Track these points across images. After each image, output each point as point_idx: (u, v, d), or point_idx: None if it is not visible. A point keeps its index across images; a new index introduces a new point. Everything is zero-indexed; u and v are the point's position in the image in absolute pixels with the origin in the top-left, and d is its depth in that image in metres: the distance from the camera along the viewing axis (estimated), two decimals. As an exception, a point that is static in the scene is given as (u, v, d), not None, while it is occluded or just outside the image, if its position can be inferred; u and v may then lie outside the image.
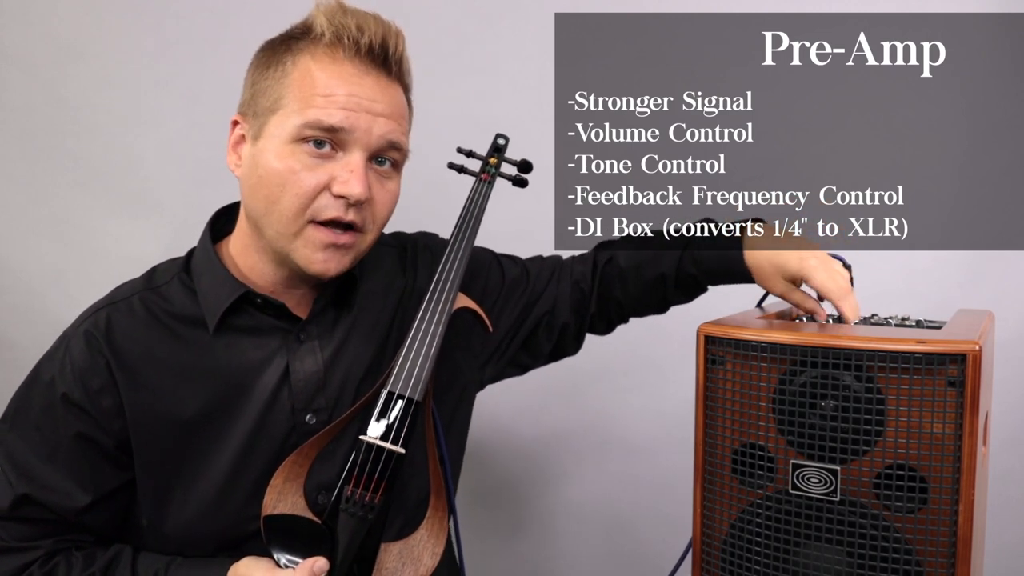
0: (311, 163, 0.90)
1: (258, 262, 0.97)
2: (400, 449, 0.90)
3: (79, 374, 0.93)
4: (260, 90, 0.93)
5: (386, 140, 0.93)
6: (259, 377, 0.96)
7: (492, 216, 1.59)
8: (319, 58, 0.91)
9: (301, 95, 0.90)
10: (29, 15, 1.67)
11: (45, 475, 0.93)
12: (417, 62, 1.60)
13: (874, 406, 0.84)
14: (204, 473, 0.94)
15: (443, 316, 0.96)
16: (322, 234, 0.91)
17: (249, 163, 0.94)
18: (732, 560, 0.93)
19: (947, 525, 0.83)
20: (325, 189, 0.91)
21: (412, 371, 0.92)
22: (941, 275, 1.44)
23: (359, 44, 0.91)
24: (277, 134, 0.91)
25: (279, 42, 0.95)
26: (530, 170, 1.14)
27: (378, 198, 0.95)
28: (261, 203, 0.92)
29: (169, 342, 0.95)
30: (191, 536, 0.95)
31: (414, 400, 0.92)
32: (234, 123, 0.97)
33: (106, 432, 0.93)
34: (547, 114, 1.56)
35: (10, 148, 1.69)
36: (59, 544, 0.94)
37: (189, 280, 0.98)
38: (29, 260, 1.69)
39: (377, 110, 0.92)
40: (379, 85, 0.93)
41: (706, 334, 0.95)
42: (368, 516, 0.89)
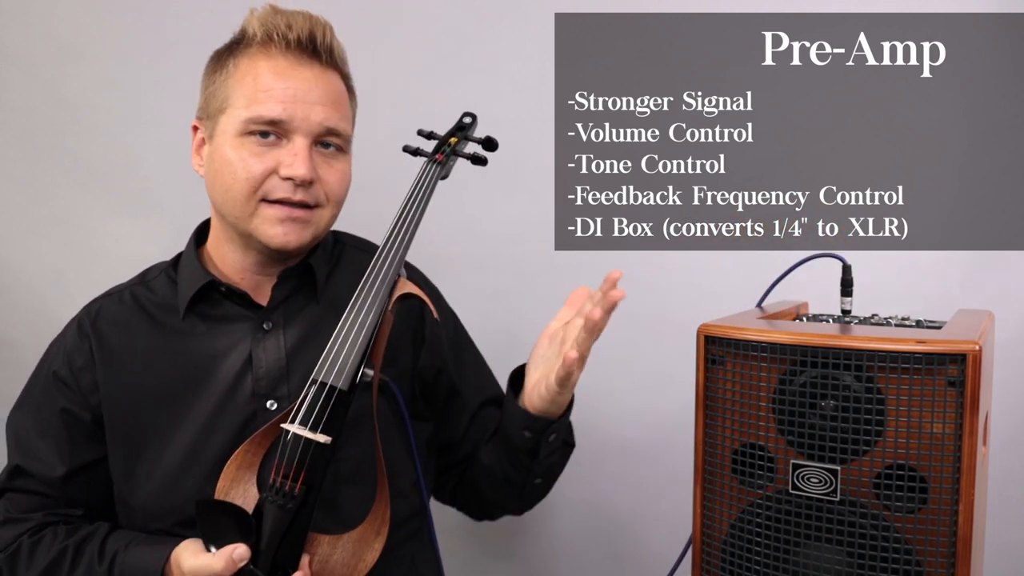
0: (259, 151, 0.99)
1: (228, 251, 1.06)
2: (320, 438, 0.90)
3: (67, 354, 1.05)
4: (210, 94, 1.03)
5: (324, 127, 1.00)
6: (224, 362, 1.02)
7: (492, 216, 1.60)
8: (255, 57, 1.00)
9: (243, 93, 0.99)
10: (29, 15, 1.67)
11: (36, 446, 1.04)
12: (417, 62, 1.60)
13: (874, 406, 0.84)
14: (167, 450, 1.01)
15: (376, 302, 0.95)
16: (275, 210, 0.99)
17: (208, 160, 1.04)
18: (732, 560, 0.93)
19: (947, 525, 0.83)
20: (273, 173, 0.99)
21: (337, 360, 0.93)
22: (941, 275, 1.43)
23: (288, 39, 1.00)
24: (227, 130, 1.00)
25: (224, 50, 1.05)
26: (495, 148, 1.11)
27: (327, 177, 1.02)
28: (219, 192, 1.01)
29: (147, 327, 1.05)
30: (154, 510, 1.01)
31: (336, 388, 0.92)
32: (194, 128, 1.07)
33: (85, 407, 1.03)
34: (547, 114, 1.56)
35: (10, 148, 1.69)
36: (49, 517, 1.03)
37: (174, 274, 1.09)
38: (29, 260, 1.69)
39: (312, 99, 0.99)
40: (313, 75, 1.01)
41: (706, 334, 0.95)
42: (288, 505, 0.89)
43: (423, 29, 1.60)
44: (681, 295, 1.53)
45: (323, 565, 0.92)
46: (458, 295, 1.25)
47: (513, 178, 1.59)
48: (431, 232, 1.21)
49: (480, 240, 1.61)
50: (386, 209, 1.26)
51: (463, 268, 1.56)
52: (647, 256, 1.55)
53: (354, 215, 1.14)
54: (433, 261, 1.28)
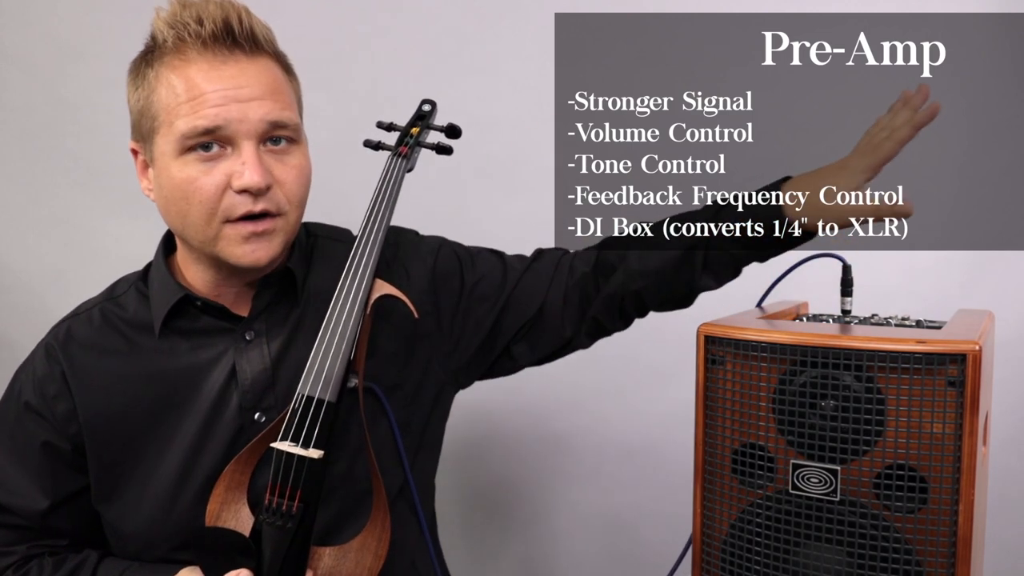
0: (205, 168, 0.90)
1: (197, 270, 0.99)
2: (312, 453, 0.87)
3: (38, 383, 0.98)
4: (138, 114, 0.94)
5: (267, 122, 0.91)
6: (207, 377, 0.97)
7: (492, 216, 1.59)
8: (172, 65, 0.90)
9: (171, 107, 0.89)
10: (29, 15, 1.67)
11: (14, 480, 0.97)
12: (417, 62, 1.60)
13: (874, 406, 0.84)
14: (155, 474, 0.96)
15: (354, 309, 0.91)
16: (238, 229, 0.91)
17: (156, 186, 0.95)
18: (732, 560, 0.93)
19: (947, 525, 0.83)
20: (227, 188, 0.90)
21: (322, 371, 0.89)
22: (941, 275, 1.43)
23: (202, 35, 0.89)
24: (166, 152, 0.91)
25: (138, 60, 0.95)
26: (458, 135, 1.04)
27: (283, 177, 0.93)
28: (176, 219, 0.94)
29: (121, 347, 0.99)
30: (147, 537, 0.97)
31: (324, 401, 0.88)
32: (134, 152, 0.99)
33: (63, 437, 0.97)
34: (547, 114, 1.56)
35: (10, 148, 1.69)
36: (33, 549, 0.98)
37: (144, 288, 1.01)
38: (29, 260, 1.69)
39: (245, 95, 0.90)
40: (239, 68, 0.90)
41: (706, 334, 0.95)
42: (287, 525, 0.86)
43: (423, 29, 1.60)
44: (681, 295, 1.52)
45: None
46: (458, 295, 1.25)
47: (513, 178, 1.59)
48: (431, 232, 1.22)
49: (480, 240, 1.61)
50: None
51: (463, 268, 1.56)
52: (647, 256, 1.55)
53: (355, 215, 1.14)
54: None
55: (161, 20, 0.91)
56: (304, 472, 0.87)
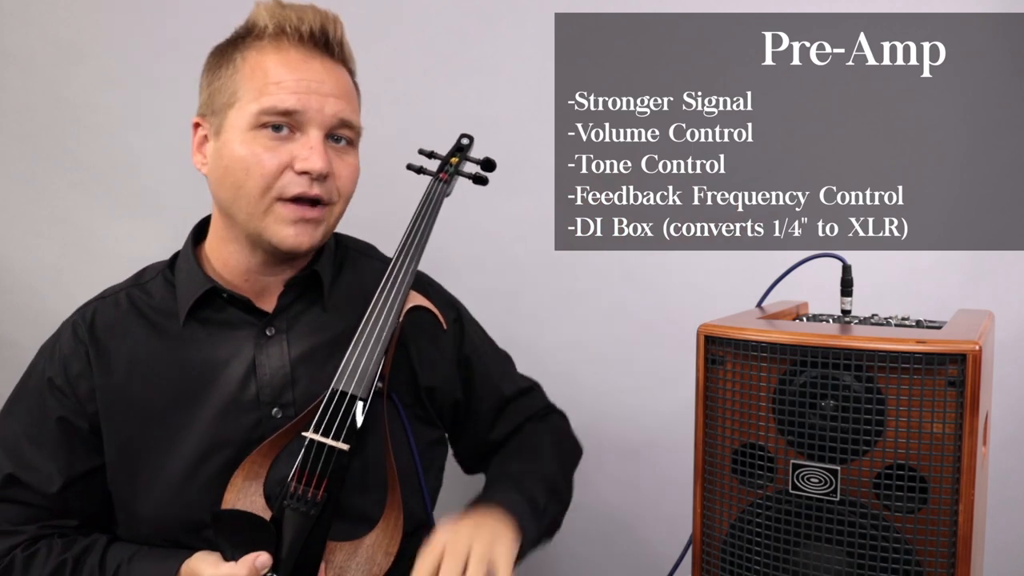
0: (272, 145, 0.96)
1: (232, 253, 1.02)
2: (341, 445, 0.91)
3: (63, 360, 1.01)
4: (215, 89, 1.00)
5: (338, 118, 0.99)
6: (226, 369, 1.00)
7: (492, 216, 1.59)
8: (265, 50, 0.98)
9: (254, 86, 0.96)
10: (29, 15, 1.67)
11: (30, 455, 1.00)
12: (417, 62, 1.60)
13: (874, 406, 0.84)
14: (169, 459, 0.98)
15: (392, 313, 0.97)
16: (290, 210, 0.97)
17: (214, 157, 0.99)
18: (732, 560, 0.93)
19: (947, 525, 0.83)
20: (288, 168, 0.96)
21: (357, 368, 0.94)
22: (941, 275, 1.43)
23: (301, 32, 0.98)
24: (237, 125, 0.96)
25: (227, 44, 1.02)
26: (493, 168, 1.14)
27: (339, 172, 1.00)
28: (229, 191, 0.98)
29: (146, 333, 1.02)
30: (157, 521, 0.99)
31: (357, 397, 0.93)
32: (195, 125, 1.03)
33: (83, 415, 1.00)
34: (547, 114, 1.56)
35: (10, 148, 1.69)
36: (43, 530, 1.00)
37: (171, 276, 1.05)
38: (29, 260, 1.69)
39: (326, 91, 0.97)
40: (324, 68, 0.99)
41: (706, 334, 0.95)
42: (311, 512, 0.90)
43: (423, 29, 1.60)
44: (681, 295, 1.53)
45: (340, 573, 0.92)
46: (458, 295, 1.25)
47: (513, 178, 1.58)
48: (431, 232, 1.22)
49: (480, 240, 1.61)
50: (383, 209, 1.26)
51: (463, 268, 1.56)
52: (647, 256, 1.55)
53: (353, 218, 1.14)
54: (433, 261, 1.28)
55: (263, 11, 0.99)
56: (332, 462, 0.91)
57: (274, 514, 0.91)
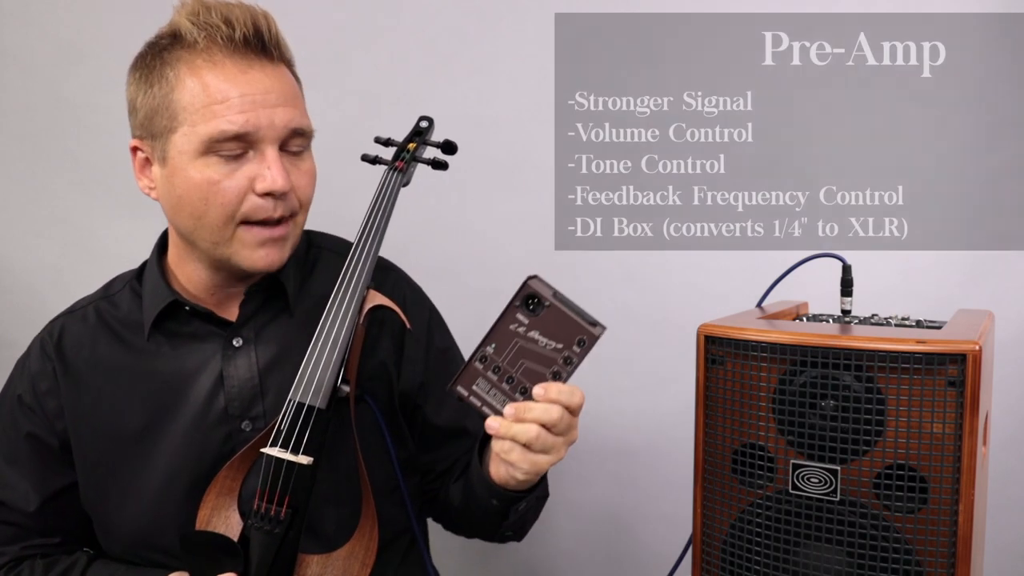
0: (226, 171, 0.90)
1: (194, 271, 0.98)
2: (302, 459, 0.87)
3: (32, 378, 1.00)
4: (150, 110, 0.92)
5: (289, 129, 0.92)
6: (195, 382, 0.97)
7: (492, 216, 1.59)
8: (197, 66, 0.89)
9: (195, 108, 0.89)
10: (29, 15, 1.67)
11: (6, 474, 0.98)
12: (417, 62, 1.60)
13: (874, 406, 0.84)
14: (141, 475, 0.96)
15: (347, 317, 0.91)
16: (255, 233, 0.92)
17: (164, 185, 0.94)
18: (732, 560, 0.93)
19: (947, 525, 0.83)
20: (248, 192, 0.91)
21: (313, 378, 0.89)
22: (941, 275, 1.43)
23: (233, 39, 0.89)
24: (185, 151, 0.90)
25: (150, 55, 0.94)
26: (453, 151, 1.05)
27: (298, 182, 0.95)
28: (188, 220, 0.93)
29: (113, 347, 0.99)
30: (133, 539, 0.97)
31: (315, 408, 0.88)
32: (133, 149, 0.97)
33: (52, 432, 0.98)
34: (547, 114, 1.56)
35: (10, 148, 1.69)
36: (25, 551, 0.98)
37: (139, 287, 1.02)
38: (29, 260, 1.69)
39: (272, 101, 0.90)
40: (266, 74, 0.91)
41: (706, 334, 0.95)
42: (275, 530, 0.87)
43: (423, 29, 1.60)
44: (681, 295, 1.53)
45: None
46: (458, 295, 1.25)
47: (513, 178, 1.59)
48: (431, 232, 1.21)
49: (480, 240, 1.61)
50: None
51: (463, 268, 1.56)
52: (647, 256, 1.55)
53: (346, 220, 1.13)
54: (433, 262, 1.28)
55: (184, 18, 0.90)
56: (293, 478, 0.87)
57: (241, 534, 0.89)
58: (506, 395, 0.84)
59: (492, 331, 0.84)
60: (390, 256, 1.13)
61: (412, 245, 1.18)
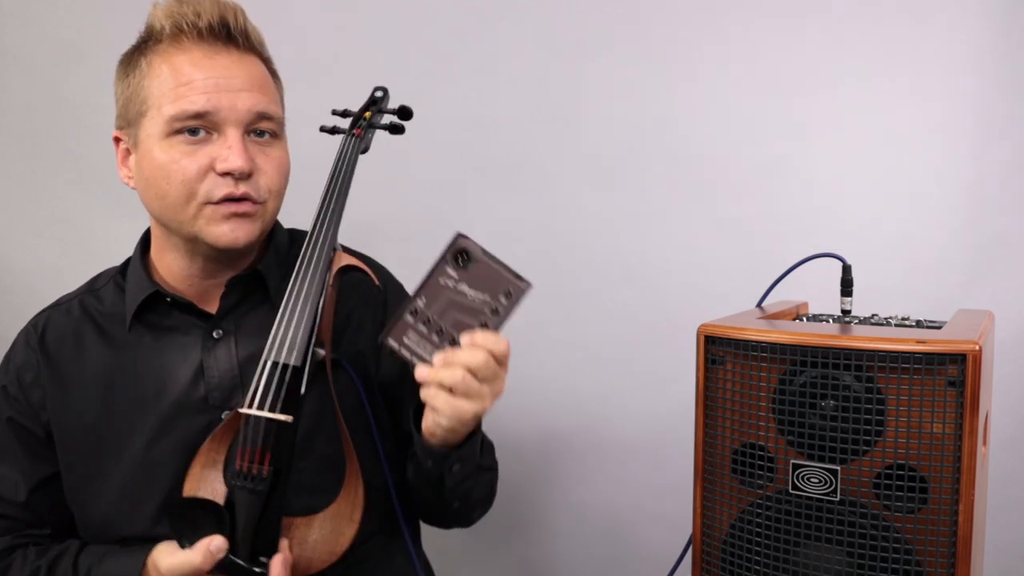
0: (189, 150, 0.93)
1: (174, 259, 1.01)
2: (280, 416, 0.89)
3: (16, 370, 1.02)
4: (126, 100, 0.97)
5: (254, 112, 0.95)
6: (175, 373, 0.99)
7: (492, 216, 1.59)
8: (167, 53, 0.94)
9: (161, 91, 0.93)
10: (29, 15, 1.67)
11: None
12: (417, 62, 1.60)
13: (874, 406, 0.84)
14: (120, 465, 0.98)
15: (316, 276, 0.94)
16: (219, 209, 0.94)
17: (136, 169, 0.97)
18: (732, 560, 0.93)
19: (947, 525, 0.83)
20: (209, 171, 0.93)
21: (286, 338, 0.92)
22: (941, 275, 1.43)
23: (199, 27, 0.94)
24: (152, 133, 0.94)
25: (132, 51, 0.99)
26: (409, 116, 1.09)
27: (264, 167, 0.96)
28: (155, 201, 0.96)
29: (96, 339, 1.02)
30: (113, 528, 0.98)
31: (289, 366, 0.91)
32: (116, 140, 1.00)
33: (37, 422, 1.00)
34: (547, 114, 1.56)
35: (10, 148, 1.70)
36: (17, 540, 1.00)
37: (122, 281, 1.04)
38: (29, 260, 1.70)
39: (236, 86, 0.94)
40: (232, 61, 0.95)
41: (706, 334, 0.95)
42: (259, 488, 0.88)
43: (423, 29, 1.60)
44: (681, 295, 1.53)
45: (303, 546, 0.91)
46: (458, 295, 1.25)
47: (513, 178, 1.59)
48: (431, 232, 1.21)
49: (479, 240, 1.61)
50: (385, 212, 1.25)
51: (463, 268, 1.56)
52: (647, 256, 1.55)
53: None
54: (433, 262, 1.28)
55: (159, 12, 0.95)
56: (272, 435, 0.89)
57: (226, 497, 0.90)
58: (436, 346, 0.86)
59: (422, 285, 0.86)
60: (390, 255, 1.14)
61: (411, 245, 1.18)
